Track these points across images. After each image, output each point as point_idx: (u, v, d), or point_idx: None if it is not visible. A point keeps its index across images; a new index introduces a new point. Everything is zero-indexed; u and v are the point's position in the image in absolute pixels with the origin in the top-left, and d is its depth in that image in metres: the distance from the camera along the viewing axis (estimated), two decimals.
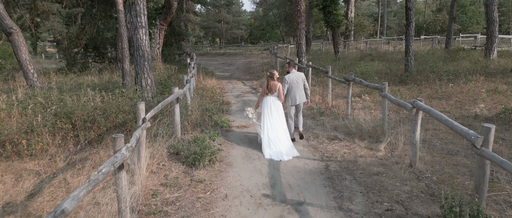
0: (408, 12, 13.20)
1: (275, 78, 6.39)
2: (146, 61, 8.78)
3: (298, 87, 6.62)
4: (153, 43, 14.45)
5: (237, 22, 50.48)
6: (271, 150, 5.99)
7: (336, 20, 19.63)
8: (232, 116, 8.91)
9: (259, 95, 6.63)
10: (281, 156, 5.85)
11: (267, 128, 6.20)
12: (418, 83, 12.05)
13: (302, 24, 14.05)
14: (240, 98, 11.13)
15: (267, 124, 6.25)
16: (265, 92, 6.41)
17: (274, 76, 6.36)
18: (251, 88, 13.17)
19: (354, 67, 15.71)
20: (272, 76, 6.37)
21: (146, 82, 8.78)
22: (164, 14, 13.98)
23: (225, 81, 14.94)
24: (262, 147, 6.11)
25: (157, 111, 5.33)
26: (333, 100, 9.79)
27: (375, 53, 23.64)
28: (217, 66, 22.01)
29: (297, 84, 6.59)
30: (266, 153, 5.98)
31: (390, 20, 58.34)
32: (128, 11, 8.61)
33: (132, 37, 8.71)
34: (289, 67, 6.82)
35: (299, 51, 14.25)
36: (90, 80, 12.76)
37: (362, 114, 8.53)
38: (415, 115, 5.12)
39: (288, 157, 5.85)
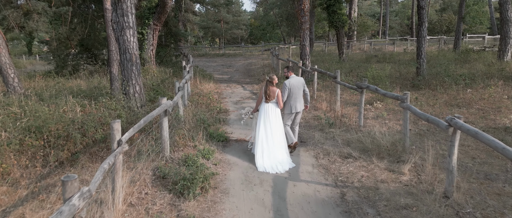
0: (420, 12, 12.28)
1: (274, 84, 5.92)
2: (134, 65, 7.86)
3: (299, 93, 6.19)
4: (146, 45, 13.52)
5: (237, 22, 49.55)
6: (265, 162, 5.55)
7: (341, 20, 18.71)
8: (230, 126, 7.99)
9: (257, 101, 6.22)
10: (276, 168, 5.43)
11: (261, 138, 5.73)
12: (432, 88, 11.12)
13: (306, 24, 13.13)
14: (239, 105, 10.20)
15: (262, 133, 5.77)
16: (263, 98, 5.95)
17: (274, 82, 5.89)
18: (251, 93, 12.24)
19: (360, 70, 14.78)
20: (271, 81, 5.89)
21: (134, 89, 7.86)
22: (158, 13, 13.05)
23: (224, 85, 14.02)
24: (255, 158, 5.64)
25: (138, 129, 4.40)
26: (342, 108, 8.87)
27: (381, 54, 22.71)
28: (216, 68, 21.10)
29: (297, 91, 6.15)
30: (260, 165, 5.54)
31: (392, 20, 57.41)
32: (113, 10, 7.69)
33: (118, 39, 7.78)
34: (288, 72, 6.30)
35: (302, 53, 13.34)
36: (78, 85, 11.84)
37: (377, 125, 7.61)
38: (452, 135, 4.19)
39: (283, 169, 5.44)
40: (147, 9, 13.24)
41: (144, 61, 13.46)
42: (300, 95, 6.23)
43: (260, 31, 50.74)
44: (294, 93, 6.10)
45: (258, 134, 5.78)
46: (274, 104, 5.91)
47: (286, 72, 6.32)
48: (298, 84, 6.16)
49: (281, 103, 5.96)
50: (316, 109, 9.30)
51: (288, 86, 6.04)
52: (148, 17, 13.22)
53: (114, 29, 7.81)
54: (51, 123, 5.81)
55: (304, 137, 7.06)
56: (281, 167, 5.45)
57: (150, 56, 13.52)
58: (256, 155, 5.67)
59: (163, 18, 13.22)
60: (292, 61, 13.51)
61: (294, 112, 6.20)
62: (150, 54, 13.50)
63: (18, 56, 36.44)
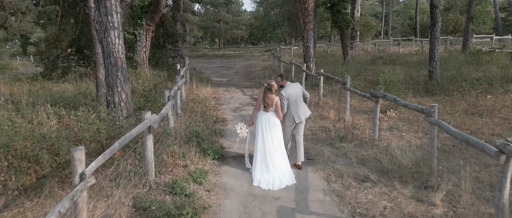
0: (433, 11, 11.41)
1: (273, 91, 5.43)
2: (120, 71, 6.99)
3: (299, 100, 5.62)
4: (139, 46, 12.63)
5: (237, 22, 48.68)
6: (262, 176, 5.09)
7: (345, 20, 17.82)
8: (227, 139, 7.12)
9: (253, 110, 5.66)
10: (272, 184, 4.93)
11: (260, 149, 5.29)
12: (448, 94, 10.25)
13: (310, 24, 12.27)
14: (238, 113, 9.33)
15: (260, 144, 5.31)
16: (261, 107, 5.46)
17: (273, 89, 5.40)
18: (251, 98, 11.37)
19: (367, 73, 13.91)
20: (270, 88, 5.40)
21: (120, 97, 6.98)
22: (151, 12, 12.16)
23: (222, 90, 13.15)
24: (253, 172, 5.23)
25: (109, 155, 3.54)
26: (352, 117, 8.00)
27: (387, 56, 21.83)
28: (215, 70, 20.23)
29: (297, 98, 5.58)
30: (256, 179, 5.09)
31: (394, 20, 56.53)
32: (96, 8, 6.82)
33: (101, 41, 6.91)
34: (282, 80, 5.76)
35: (306, 55, 12.46)
36: (65, 90, 10.97)
37: (393, 139, 6.74)
38: (504, 164, 3.32)
39: (280, 185, 4.91)
40: (139, 8, 12.37)
41: (137, 64, 12.60)
42: (302, 102, 5.64)
43: (260, 32, 49.88)
44: (293, 102, 5.52)
45: (256, 145, 5.32)
46: (273, 113, 5.40)
47: (280, 81, 5.74)
48: (296, 90, 5.58)
49: (281, 114, 5.42)
50: (322, 117, 8.43)
51: (286, 96, 5.45)
52: (141, 16, 12.35)
53: (97, 30, 6.94)
54: (17, 140, 4.94)
55: (312, 153, 6.19)
56: (279, 183, 4.95)
57: (143, 58, 12.64)
58: (254, 169, 5.23)
59: (157, 18, 12.34)
60: (296, 64, 12.64)
61: (297, 122, 5.57)
62: (143, 57, 12.62)
63: (12, 58, 35.60)
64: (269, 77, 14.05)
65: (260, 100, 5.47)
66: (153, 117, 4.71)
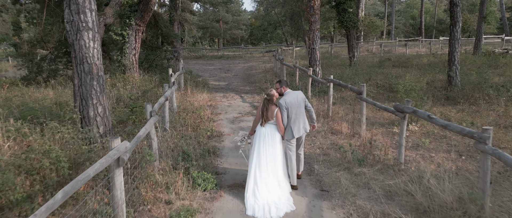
0: (454, 9, 10.30)
1: (274, 100, 4.78)
2: (96, 80, 5.88)
3: (300, 112, 4.88)
4: (127, 49, 11.50)
5: (236, 22, 47.58)
6: (257, 202, 4.38)
7: (352, 20, 16.73)
8: (224, 159, 6.01)
9: (254, 120, 5.02)
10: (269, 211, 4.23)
11: (254, 169, 4.58)
12: (471, 102, 9.14)
13: (316, 24, 11.16)
14: (237, 125, 8.22)
15: (255, 163, 4.61)
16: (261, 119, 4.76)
17: (273, 98, 4.74)
18: (252, 106, 10.26)
19: (378, 77, 12.79)
20: (270, 99, 4.73)
21: (95, 111, 5.88)
22: (141, 11, 11.02)
23: (220, 95, 12.05)
24: (245, 196, 4.50)
25: (46, 215, 2.43)
26: (371, 133, 6.88)
27: (394, 57, 20.71)
28: (213, 72, 19.13)
29: (297, 109, 4.84)
30: (249, 205, 4.37)
31: (396, 20, 55.41)
32: (66, 5, 5.72)
33: (73, 44, 5.81)
34: (282, 86, 5.00)
35: (312, 58, 11.35)
36: (45, 97, 9.87)
37: (421, 161, 5.64)
38: None
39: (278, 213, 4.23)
40: (128, 7, 11.24)
41: (125, 68, 11.47)
42: (302, 114, 4.91)
43: (260, 32, 48.80)
44: (293, 113, 4.79)
45: (251, 164, 4.64)
46: (272, 126, 4.74)
47: (279, 88, 4.98)
48: (297, 101, 4.85)
49: (282, 127, 4.75)
50: (334, 132, 7.32)
51: (285, 106, 4.75)
52: (129, 16, 11.22)
53: (67, 31, 5.84)
54: None
55: (325, 182, 5.08)
56: (276, 209, 4.27)
57: (132, 62, 11.51)
58: (247, 191, 4.51)
59: (147, 17, 11.22)
60: (300, 68, 11.52)
61: (296, 137, 4.86)
62: (132, 60, 11.49)
63: (5, 59, 34.48)
64: (270, 83, 12.92)
65: (259, 111, 4.82)
66: (123, 146, 3.59)
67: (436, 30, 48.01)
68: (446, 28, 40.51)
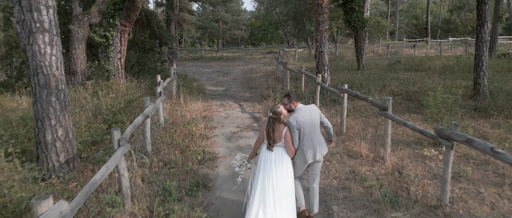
0: (481, 8, 9.06)
1: (282, 119, 3.90)
2: (54, 94, 4.65)
3: (315, 131, 3.94)
4: (112, 52, 10.22)
5: (236, 22, 46.37)
6: None
7: (360, 19, 15.51)
8: (217, 195, 4.77)
9: (256, 141, 4.16)
10: None
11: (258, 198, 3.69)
12: (506, 114, 7.90)
13: (324, 24, 9.92)
14: (235, 143, 6.98)
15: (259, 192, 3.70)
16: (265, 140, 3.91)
17: (281, 116, 3.87)
18: (252, 118, 9.02)
19: (393, 83, 11.54)
20: (277, 117, 3.85)
21: (54, 134, 4.65)
22: (127, 10, 9.75)
23: (216, 104, 10.81)
24: None
25: None
26: (393, 154, 5.64)
27: (404, 59, 19.46)
28: (210, 75, 17.89)
29: (311, 128, 3.91)
30: None
31: (399, 20, 54.16)
32: (17, 1, 4.49)
33: (25, 50, 4.58)
34: (291, 102, 4.00)
35: (319, 62, 10.11)
36: (17, 108, 8.64)
37: (469, 200, 4.41)
38: None
39: None
40: (111, 5, 9.99)
41: (109, 74, 10.22)
42: (317, 134, 3.95)
43: (261, 32, 47.59)
44: (306, 133, 3.85)
45: (254, 192, 3.73)
46: (281, 149, 3.84)
47: (287, 104, 3.99)
48: (311, 118, 3.89)
49: (293, 150, 3.85)
50: (351, 154, 6.08)
51: (297, 126, 3.80)
52: (114, 15, 9.96)
53: (18, 34, 4.59)
54: None
55: None
56: None
57: (117, 67, 10.24)
58: None
59: (134, 17, 9.95)
60: (307, 74, 10.26)
61: (310, 161, 3.89)
62: (117, 65, 10.23)
63: None
64: (273, 89, 11.66)
65: (263, 130, 3.94)
66: (55, 211, 2.36)
67: (441, 30, 46.82)
68: (456, 28, 39.24)
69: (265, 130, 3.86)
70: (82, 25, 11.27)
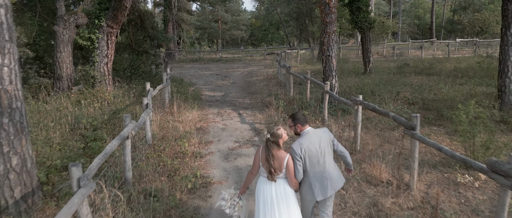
0: (507, 8, 8.16)
1: (281, 144, 3.12)
2: (7, 115, 3.75)
3: (325, 161, 3.17)
4: (98, 57, 9.29)
5: (236, 22, 45.48)
6: None
7: (367, 20, 14.61)
8: None
9: (248, 174, 3.38)
10: None
11: None
12: None
13: (332, 25, 9.02)
14: (232, 163, 6.07)
15: None
16: (261, 171, 3.18)
17: (280, 140, 3.10)
18: (253, 130, 8.11)
19: (405, 89, 10.61)
20: (275, 140, 3.08)
21: (7, 164, 3.75)
22: (114, 10, 8.80)
23: (213, 112, 9.91)
24: None
25: None
26: (422, 181, 4.73)
27: (412, 62, 18.54)
28: (208, 79, 16.98)
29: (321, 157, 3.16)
30: None
31: (401, 20, 53.28)
32: None
33: None
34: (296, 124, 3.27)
35: (327, 67, 9.19)
36: None
37: None
38: None
39: None
40: (97, 4, 9.09)
41: (94, 81, 9.29)
42: (329, 165, 3.22)
43: (261, 32, 46.68)
44: (314, 163, 3.15)
45: None
46: (283, 181, 3.16)
47: (293, 125, 3.30)
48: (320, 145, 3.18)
49: (295, 182, 3.16)
50: (369, 179, 5.17)
51: (301, 154, 3.12)
52: (99, 15, 9.03)
53: None
54: None
55: None
56: None
57: (103, 73, 9.31)
58: None
59: (122, 17, 9.00)
60: (314, 81, 9.32)
61: (320, 198, 3.18)
62: (103, 70, 9.29)
63: None
64: (275, 96, 10.72)
65: (257, 160, 3.24)
66: None
67: (445, 30, 45.93)
68: (455, 29, 38.37)
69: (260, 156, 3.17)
70: (67, 27, 10.36)
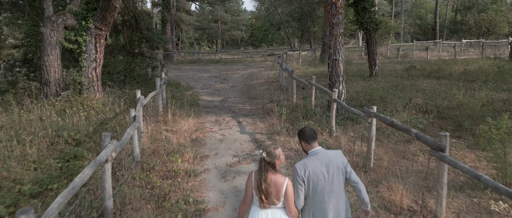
0: None
1: (277, 166, 2.67)
2: None
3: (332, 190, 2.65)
4: (85, 61, 8.58)
5: (236, 22, 44.77)
6: None
7: (373, 21, 13.94)
8: None
9: (241, 204, 2.87)
10: None
11: None
12: None
13: (339, 27, 8.35)
14: (231, 183, 5.39)
15: None
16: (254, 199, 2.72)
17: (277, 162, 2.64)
18: (253, 141, 7.43)
19: (417, 95, 9.93)
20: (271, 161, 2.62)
21: None
22: (102, 11, 8.07)
23: (211, 120, 9.24)
24: None
25: None
26: (449, 209, 4.07)
27: (418, 64, 17.86)
28: (206, 82, 16.30)
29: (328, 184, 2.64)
30: None
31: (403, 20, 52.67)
32: None
33: None
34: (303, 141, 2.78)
35: (333, 72, 8.51)
36: None
37: None
38: None
39: None
40: (84, 4, 8.40)
41: (81, 87, 8.59)
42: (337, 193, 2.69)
43: (262, 33, 46.01)
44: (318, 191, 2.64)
45: None
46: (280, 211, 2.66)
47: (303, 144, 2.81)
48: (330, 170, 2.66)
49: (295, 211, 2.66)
50: (386, 205, 4.50)
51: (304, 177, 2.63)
52: (86, 16, 8.33)
53: None
54: None
55: None
56: None
57: (91, 79, 8.62)
58: None
59: (111, 18, 8.26)
60: (320, 88, 8.59)
61: None
62: (91, 76, 8.60)
63: None
64: (277, 103, 10.04)
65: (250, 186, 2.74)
66: None
67: (448, 30, 45.28)
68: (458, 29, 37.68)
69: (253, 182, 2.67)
70: (55, 28, 9.68)
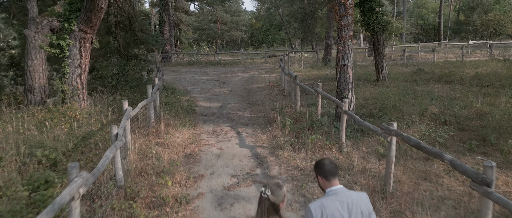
0: None
1: (281, 209, 2.19)
2: None
3: None
4: (69, 67, 7.83)
5: (236, 23, 44.05)
6: None
7: (381, 21, 13.21)
8: None
9: None
10: None
11: None
12: None
13: (348, 29, 7.62)
14: (228, 212, 4.65)
15: None
16: None
17: (281, 205, 2.18)
18: (254, 157, 6.68)
19: (432, 103, 9.19)
20: (275, 202, 2.14)
21: None
22: (86, 12, 7.28)
23: (208, 130, 8.50)
24: None
25: None
26: None
27: (426, 66, 17.12)
28: (204, 86, 15.57)
29: None
30: None
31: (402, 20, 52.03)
32: None
33: None
34: (321, 176, 2.29)
35: (342, 79, 7.78)
36: None
37: None
38: None
39: None
40: (67, 4, 7.65)
41: (65, 97, 7.84)
42: None
43: (262, 33, 45.28)
44: None
45: None
46: None
47: (321, 179, 2.30)
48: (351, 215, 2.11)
49: None
50: None
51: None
52: (70, 18, 7.57)
53: None
54: None
55: None
56: None
57: (76, 86, 7.87)
58: None
59: (97, 20, 7.49)
60: (329, 97, 7.80)
61: None
62: (75, 83, 7.84)
63: None
64: (279, 110, 9.29)
65: None
66: None
67: (451, 31, 44.56)
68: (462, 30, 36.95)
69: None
70: (40, 30, 8.98)
